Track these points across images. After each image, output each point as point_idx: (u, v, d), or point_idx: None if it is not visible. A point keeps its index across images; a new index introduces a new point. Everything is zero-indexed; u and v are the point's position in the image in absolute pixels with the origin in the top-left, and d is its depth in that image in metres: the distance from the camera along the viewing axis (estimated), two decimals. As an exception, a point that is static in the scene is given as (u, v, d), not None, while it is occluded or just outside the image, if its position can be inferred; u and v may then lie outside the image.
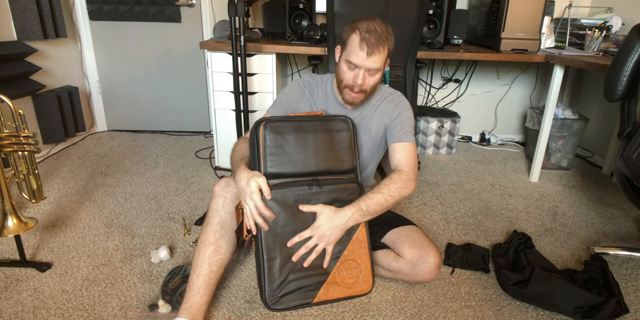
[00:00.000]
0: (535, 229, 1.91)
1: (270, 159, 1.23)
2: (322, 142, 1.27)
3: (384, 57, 1.27)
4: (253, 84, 2.31)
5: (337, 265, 1.26)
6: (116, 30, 2.90)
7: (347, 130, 1.30)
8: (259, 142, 1.24)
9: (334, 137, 1.29)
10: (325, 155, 1.27)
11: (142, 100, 3.11)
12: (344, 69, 1.30)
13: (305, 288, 1.24)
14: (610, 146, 2.60)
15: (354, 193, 1.28)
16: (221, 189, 1.31)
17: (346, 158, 1.30)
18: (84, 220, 1.86)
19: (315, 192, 1.24)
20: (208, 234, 1.27)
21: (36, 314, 1.29)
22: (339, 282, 1.27)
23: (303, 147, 1.25)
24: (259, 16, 2.76)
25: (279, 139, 1.24)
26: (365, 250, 1.30)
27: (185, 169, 2.48)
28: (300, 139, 1.25)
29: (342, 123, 1.30)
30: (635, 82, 1.44)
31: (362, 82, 1.28)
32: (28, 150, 1.41)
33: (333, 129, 1.29)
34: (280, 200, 1.21)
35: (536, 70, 3.07)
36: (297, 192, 1.22)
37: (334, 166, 1.28)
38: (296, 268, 1.23)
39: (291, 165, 1.25)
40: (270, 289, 1.22)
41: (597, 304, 1.32)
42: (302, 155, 1.25)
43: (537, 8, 2.26)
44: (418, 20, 1.99)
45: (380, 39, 1.23)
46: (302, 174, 1.25)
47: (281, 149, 1.24)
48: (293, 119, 1.28)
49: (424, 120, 2.81)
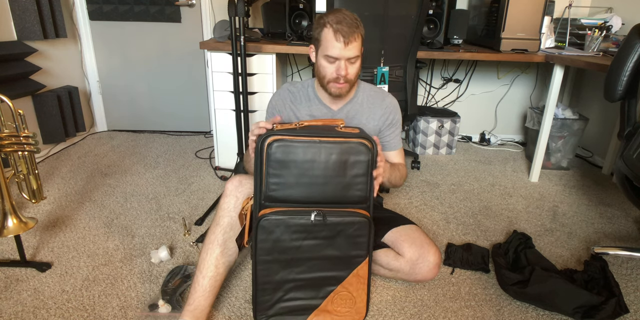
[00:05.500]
0: (535, 229, 1.91)
1: (273, 182, 1.12)
2: (333, 168, 1.13)
3: (359, 44, 1.28)
4: (253, 84, 2.31)
5: (331, 295, 1.23)
6: (116, 30, 2.90)
7: (366, 155, 1.14)
8: (262, 160, 1.12)
9: (349, 163, 1.13)
10: (335, 184, 1.14)
11: (142, 100, 3.11)
12: (324, 65, 1.31)
13: (296, 312, 1.23)
14: (610, 146, 2.60)
15: (361, 228, 1.17)
16: (234, 188, 1.27)
17: (359, 187, 1.16)
18: (84, 220, 1.86)
19: (318, 224, 1.14)
20: (217, 235, 1.25)
21: (36, 314, 1.29)
22: (331, 310, 1.24)
23: (311, 172, 1.12)
24: (259, 16, 2.76)
25: (285, 161, 1.11)
26: (364, 285, 1.25)
27: (185, 169, 2.48)
28: (309, 162, 1.12)
29: (361, 147, 1.13)
30: (635, 82, 1.44)
31: (346, 72, 1.29)
32: (28, 150, 1.41)
33: (349, 153, 1.13)
34: (282, 226, 1.14)
35: (536, 70, 3.07)
36: (297, 221, 1.13)
37: (343, 196, 1.16)
38: (289, 292, 1.21)
39: (295, 190, 1.13)
40: (262, 308, 1.21)
41: (597, 304, 1.32)
42: (308, 181, 1.13)
43: (537, 8, 2.26)
44: (418, 20, 1.99)
45: (353, 26, 1.25)
46: (305, 201, 1.15)
47: (286, 171, 1.12)
48: (305, 135, 1.11)
49: (424, 120, 2.81)
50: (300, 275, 1.20)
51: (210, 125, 3.15)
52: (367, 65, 2.02)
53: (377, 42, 1.99)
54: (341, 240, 1.18)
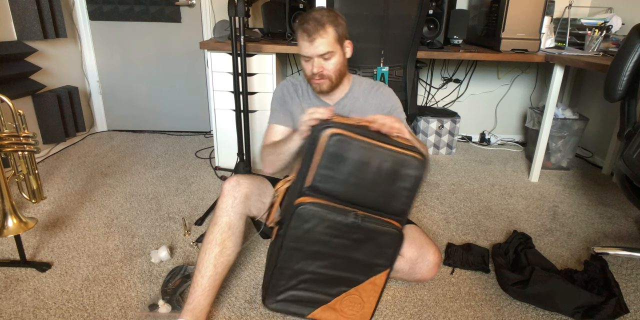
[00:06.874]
0: (535, 229, 1.91)
1: (322, 173, 1.10)
2: (384, 176, 1.12)
3: (330, 39, 1.28)
4: (253, 84, 2.31)
5: (343, 295, 1.23)
6: (116, 30, 2.90)
7: (417, 171, 1.13)
8: (315, 148, 1.09)
9: (399, 174, 1.12)
10: (381, 191, 1.13)
11: (142, 100, 3.11)
12: (303, 64, 1.36)
13: (304, 302, 1.23)
14: (610, 146, 2.59)
15: (392, 240, 1.17)
16: (231, 188, 1.27)
17: (402, 200, 1.16)
18: (84, 220, 1.86)
19: (352, 226, 1.13)
20: (215, 234, 1.25)
21: (36, 314, 1.29)
22: (338, 309, 1.25)
23: (361, 174, 1.11)
24: (259, 16, 2.76)
25: (340, 156, 1.09)
26: (377, 294, 1.25)
27: (185, 169, 2.48)
28: (363, 164, 1.10)
29: (415, 162, 1.12)
30: (635, 82, 1.44)
31: (319, 69, 1.31)
32: (28, 150, 1.41)
33: (402, 165, 1.12)
34: (318, 218, 1.12)
35: (536, 70, 3.07)
36: (335, 217, 1.12)
37: (385, 205, 1.16)
38: (304, 282, 1.21)
39: (340, 187, 1.12)
40: (273, 292, 1.21)
41: (597, 304, 1.33)
42: (356, 182, 1.11)
43: (537, 8, 2.26)
44: (418, 20, 1.99)
45: (319, 22, 1.26)
46: (346, 200, 1.14)
47: (338, 166, 1.10)
48: (366, 136, 1.10)
49: (424, 120, 2.81)
50: (320, 270, 1.20)
51: (210, 125, 3.15)
52: (367, 65, 2.02)
53: (377, 42, 1.99)
54: (369, 247, 1.18)
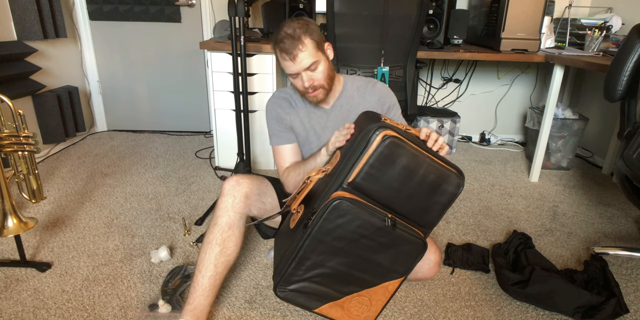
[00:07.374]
0: (535, 229, 1.91)
1: (367, 171, 1.10)
2: (425, 187, 1.14)
3: (310, 50, 1.26)
4: (253, 84, 2.31)
5: (353, 295, 1.24)
6: (116, 30, 2.90)
7: (456, 189, 1.16)
8: (367, 148, 1.10)
9: (440, 189, 1.15)
10: (419, 201, 1.15)
11: (142, 100, 3.11)
12: (292, 80, 1.33)
13: (314, 295, 1.23)
14: (610, 146, 2.59)
15: (415, 250, 1.19)
16: (231, 187, 1.27)
17: (434, 214, 1.18)
18: (84, 220, 1.86)
19: (385, 230, 1.13)
20: (215, 234, 1.25)
21: (36, 314, 1.29)
22: (345, 307, 1.25)
23: (405, 181, 1.12)
24: (259, 16, 2.76)
25: (390, 159, 1.10)
26: (386, 299, 1.26)
27: (185, 169, 2.48)
28: (409, 171, 1.11)
29: (457, 180, 1.15)
30: (635, 82, 1.44)
31: (310, 82, 1.29)
32: (28, 150, 1.41)
33: (444, 181, 1.14)
34: (352, 215, 1.11)
35: (536, 70, 3.07)
36: (369, 218, 1.11)
37: (418, 215, 1.18)
38: (319, 276, 1.21)
39: (381, 188, 1.12)
40: (286, 281, 1.20)
41: (597, 304, 1.33)
42: (398, 187, 1.12)
43: (537, 8, 2.26)
44: (418, 20, 1.99)
45: (294, 38, 1.24)
46: (382, 203, 1.14)
47: (384, 168, 1.11)
48: (417, 144, 1.12)
49: (424, 120, 2.81)
50: (338, 266, 1.20)
51: (210, 125, 3.15)
52: (367, 65, 2.02)
53: (377, 42, 2.00)
54: (392, 252, 1.18)
